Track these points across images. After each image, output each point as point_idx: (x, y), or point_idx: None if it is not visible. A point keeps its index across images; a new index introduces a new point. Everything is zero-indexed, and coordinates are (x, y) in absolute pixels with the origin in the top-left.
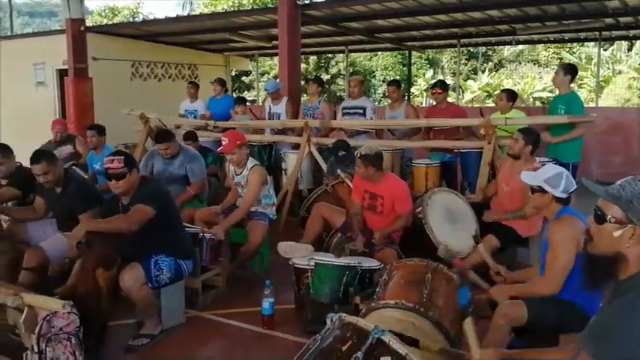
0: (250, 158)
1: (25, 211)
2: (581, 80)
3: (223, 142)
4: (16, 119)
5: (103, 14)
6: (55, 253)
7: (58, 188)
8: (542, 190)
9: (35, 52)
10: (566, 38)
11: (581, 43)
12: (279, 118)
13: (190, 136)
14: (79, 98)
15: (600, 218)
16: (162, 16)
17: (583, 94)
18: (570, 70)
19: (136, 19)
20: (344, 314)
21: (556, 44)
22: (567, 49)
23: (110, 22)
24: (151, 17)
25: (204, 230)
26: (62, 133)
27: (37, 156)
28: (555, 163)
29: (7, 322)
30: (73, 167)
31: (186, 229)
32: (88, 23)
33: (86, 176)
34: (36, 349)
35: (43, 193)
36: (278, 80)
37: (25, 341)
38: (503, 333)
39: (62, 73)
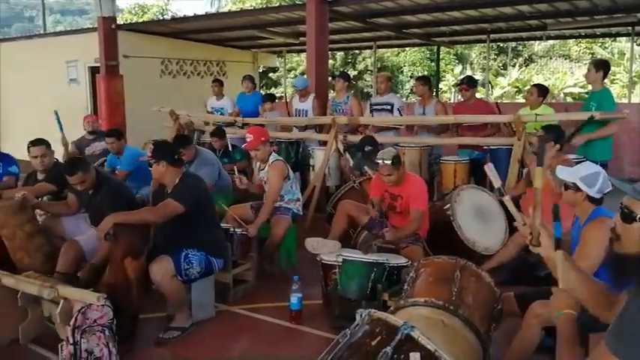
0: (273, 154)
1: (59, 206)
2: (614, 76)
3: (248, 139)
4: (49, 116)
5: (133, 12)
6: (90, 247)
7: (90, 190)
8: (576, 188)
9: (68, 49)
10: (598, 33)
11: (613, 38)
12: (305, 115)
13: (217, 133)
14: (110, 95)
15: (628, 217)
16: (191, 14)
17: (616, 90)
18: (602, 66)
19: (165, 17)
20: (373, 310)
21: (588, 39)
22: (599, 44)
23: (140, 20)
24: (180, 15)
25: (237, 222)
26: (94, 125)
27: (71, 167)
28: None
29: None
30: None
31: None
32: (119, 21)
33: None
34: (71, 341)
35: (75, 190)
36: (306, 77)
37: (60, 333)
38: (534, 331)
39: (94, 71)
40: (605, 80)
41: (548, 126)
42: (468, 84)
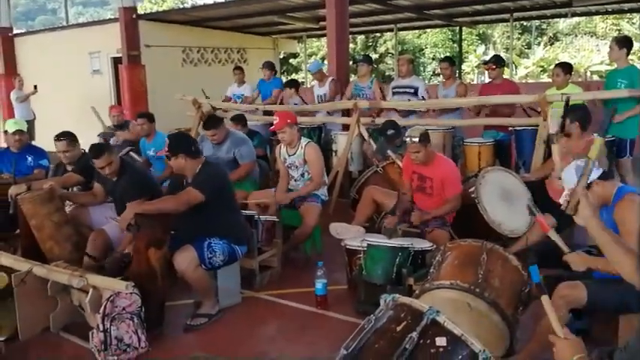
0: (303, 137)
1: (86, 196)
2: None
3: (275, 121)
4: (74, 107)
5: (153, 1)
6: (117, 236)
7: (114, 177)
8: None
9: (90, 41)
10: (626, 8)
11: None
12: (324, 99)
13: (239, 119)
14: (133, 85)
15: None
16: (211, 1)
17: None
18: (625, 43)
19: (185, 5)
20: (398, 295)
21: (615, 15)
22: (627, 20)
23: (160, 9)
24: (200, 3)
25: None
26: (119, 117)
27: (97, 150)
28: (614, 140)
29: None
30: (130, 153)
31: (243, 212)
32: (139, 11)
33: (141, 161)
34: (101, 328)
35: (100, 179)
36: (319, 60)
37: (90, 321)
38: (561, 313)
39: (117, 61)
40: (633, 57)
41: (573, 106)
42: (495, 62)
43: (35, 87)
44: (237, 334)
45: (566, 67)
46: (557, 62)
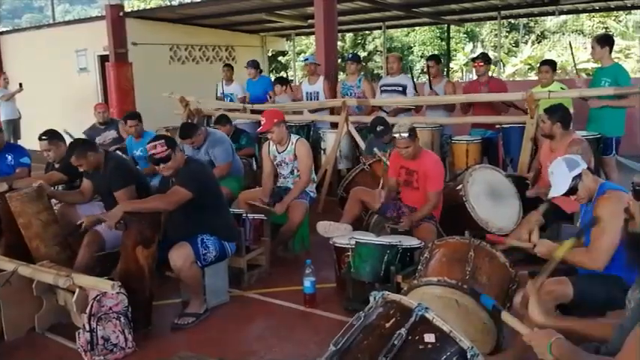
0: (292, 134)
1: (74, 195)
2: (629, 50)
3: (262, 122)
4: (60, 105)
5: None
6: (111, 236)
7: (100, 170)
8: (579, 178)
9: (77, 39)
10: (612, 6)
11: (628, 11)
12: (316, 98)
13: (220, 121)
14: (120, 83)
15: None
16: None
17: (630, 64)
18: (606, 41)
19: (172, 3)
20: (387, 292)
21: (601, 12)
22: (613, 18)
23: (147, 7)
24: (188, 0)
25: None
26: (105, 114)
27: (70, 150)
28: (600, 137)
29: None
30: (117, 152)
31: (231, 210)
32: (126, 8)
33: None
34: (87, 328)
35: (88, 175)
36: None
37: (76, 321)
38: (547, 308)
39: (103, 59)
40: (619, 55)
41: (550, 108)
42: (482, 59)
43: (20, 85)
44: (225, 333)
45: (554, 65)
46: (542, 60)
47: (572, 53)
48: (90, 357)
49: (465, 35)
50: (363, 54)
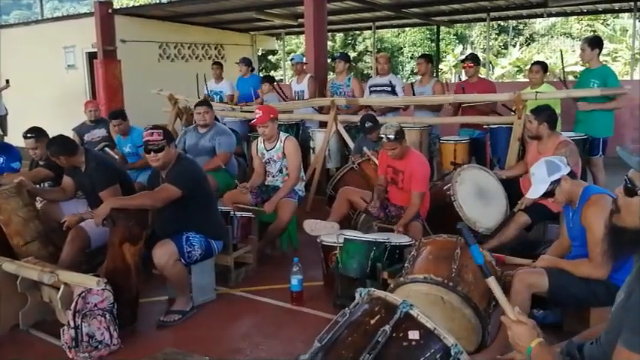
0: (281, 132)
1: (56, 192)
2: (616, 53)
3: (257, 115)
4: (47, 102)
5: None
6: (97, 233)
7: (82, 168)
8: (555, 184)
9: (65, 35)
10: (600, 9)
11: (615, 15)
12: (302, 96)
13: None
14: (108, 80)
15: (630, 191)
16: None
17: (618, 67)
18: (596, 43)
19: (162, 1)
20: (373, 289)
21: (589, 16)
22: (601, 21)
23: (137, 4)
24: None
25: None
26: (96, 112)
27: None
28: (587, 138)
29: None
30: (106, 149)
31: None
32: (115, 5)
33: (118, 157)
34: (72, 325)
35: (69, 172)
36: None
37: (60, 318)
38: (522, 297)
39: (92, 56)
40: (607, 58)
41: (536, 109)
42: (472, 61)
43: (7, 81)
44: (212, 330)
45: (544, 66)
46: (533, 61)
47: (562, 62)
48: (74, 354)
49: (455, 37)
50: (353, 54)
